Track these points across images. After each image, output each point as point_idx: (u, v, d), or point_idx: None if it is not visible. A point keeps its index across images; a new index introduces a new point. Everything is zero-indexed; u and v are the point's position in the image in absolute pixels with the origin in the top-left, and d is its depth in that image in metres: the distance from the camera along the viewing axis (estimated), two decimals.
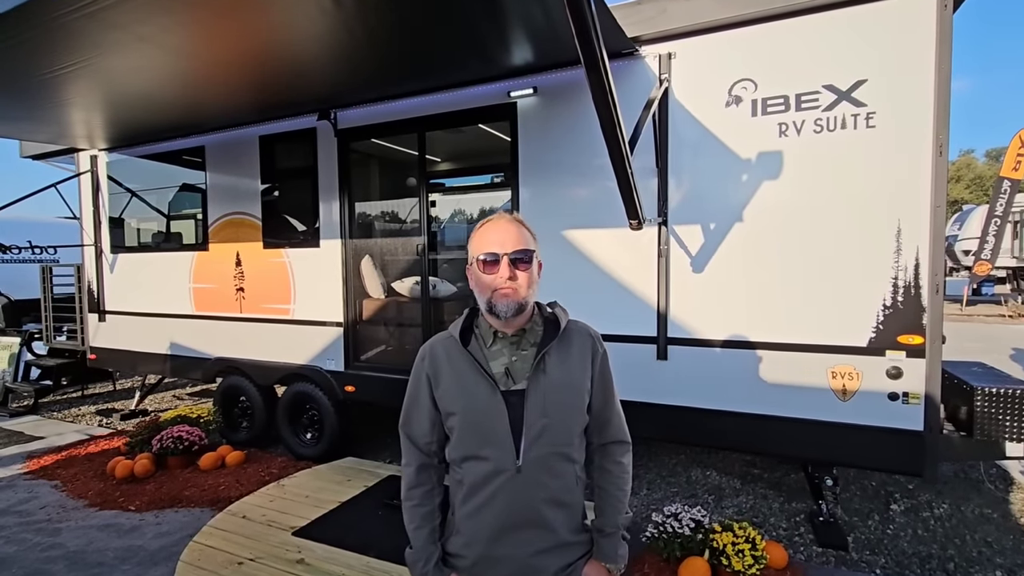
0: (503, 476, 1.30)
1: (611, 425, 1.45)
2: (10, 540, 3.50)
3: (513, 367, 1.35)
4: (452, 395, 1.35)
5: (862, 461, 3.07)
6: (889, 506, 3.70)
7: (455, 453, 1.37)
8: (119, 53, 2.99)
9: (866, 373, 2.90)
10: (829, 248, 2.96)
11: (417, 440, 1.42)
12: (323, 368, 4.53)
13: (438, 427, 1.40)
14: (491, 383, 1.32)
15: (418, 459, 1.43)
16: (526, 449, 1.30)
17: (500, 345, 1.37)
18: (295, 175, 4.71)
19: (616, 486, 1.44)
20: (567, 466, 1.35)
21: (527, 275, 1.33)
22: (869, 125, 2.85)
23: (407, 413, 1.45)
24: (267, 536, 3.20)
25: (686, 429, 3.34)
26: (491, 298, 1.32)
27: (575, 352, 1.39)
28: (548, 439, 1.31)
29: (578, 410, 1.37)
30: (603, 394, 1.43)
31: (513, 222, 1.36)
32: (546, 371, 1.34)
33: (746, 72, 3.08)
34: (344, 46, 3.15)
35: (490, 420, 1.31)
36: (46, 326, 6.65)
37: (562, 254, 3.58)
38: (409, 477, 1.43)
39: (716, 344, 3.22)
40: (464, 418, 1.34)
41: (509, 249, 1.31)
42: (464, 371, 1.35)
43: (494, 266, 1.31)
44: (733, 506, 3.79)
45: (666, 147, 3.26)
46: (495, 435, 1.31)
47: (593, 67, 1.92)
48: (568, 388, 1.35)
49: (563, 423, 1.34)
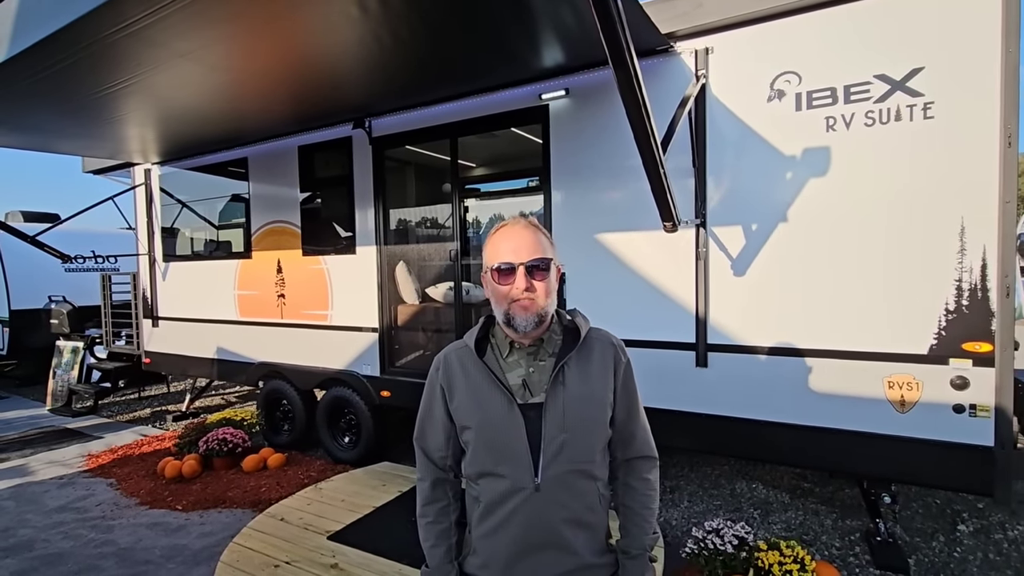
0: (521, 495, 1.23)
1: (636, 439, 1.36)
2: (67, 536, 3.68)
3: (531, 379, 1.29)
4: (467, 408, 1.30)
5: (923, 478, 2.84)
6: (956, 527, 3.42)
7: (470, 469, 1.31)
8: (162, 70, 3.11)
9: (927, 383, 2.68)
10: (883, 249, 2.76)
11: (432, 454, 1.38)
12: (359, 373, 4.58)
13: (453, 440, 1.35)
14: (508, 396, 1.26)
15: (433, 474, 1.38)
16: (545, 466, 1.23)
17: (517, 356, 1.31)
18: (332, 183, 4.80)
19: (642, 504, 1.36)
20: (589, 484, 1.27)
21: (545, 284, 1.26)
22: (927, 116, 2.64)
23: (421, 425, 1.40)
24: (303, 540, 3.24)
25: (728, 440, 3.18)
26: (508, 310, 1.26)
27: (596, 362, 1.31)
28: (568, 455, 1.24)
29: (600, 424, 1.30)
30: (627, 406, 1.34)
31: (529, 227, 1.29)
32: (565, 383, 1.27)
33: (789, 64, 2.92)
34: (376, 56, 3.19)
35: (506, 435, 1.25)
36: (105, 331, 7.03)
37: (596, 258, 3.49)
38: (424, 493, 1.38)
39: (760, 351, 3.06)
40: (479, 433, 1.28)
41: (525, 258, 1.24)
42: (479, 383, 1.29)
43: (509, 276, 1.24)
44: (781, 522, 3.59)
45: (704, 145, 3.12)
46: (512, 451, 1.24)
47: (620, 64, 1.84)
48: (589, 401, 1.28)
49: (584, 438, 1.27)
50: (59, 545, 3.56)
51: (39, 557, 3.41)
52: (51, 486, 4.60)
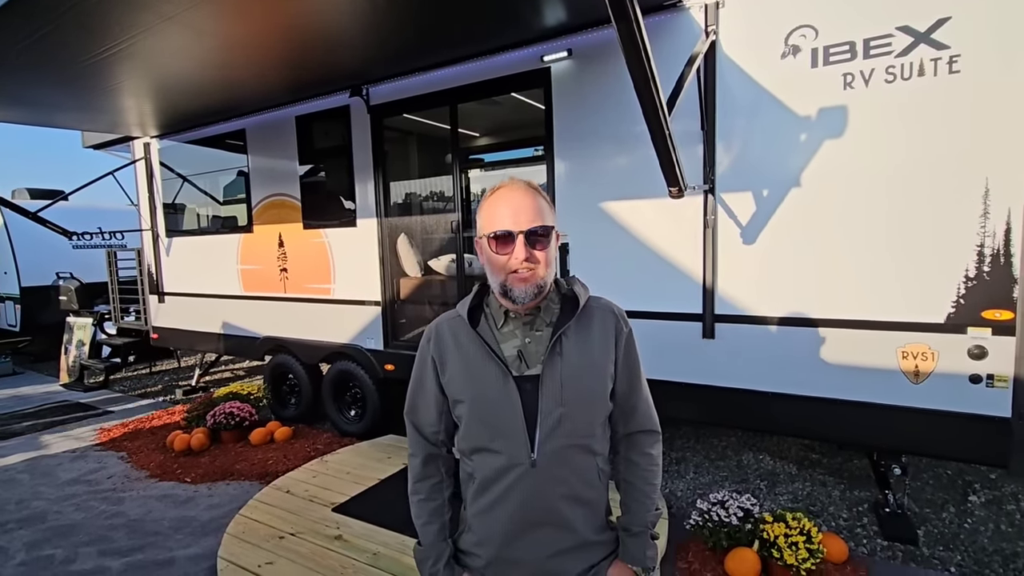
0: (517, 471, 1.18)
1: (638, 412, 1.30)
2: (79, 507, 3.74)
3: (527, 350, 1.21)
4: (460, 381, 1.24)
5: (936, 449, 2.77)
6: (967, 497, 3.37)
7: (464, 444, 1.26)
8: (150, 35, 2.99)
9: (943, 353, 2.59)
10: (901, 213, 2.63)
11: (423, 429, 1.32)
12: (363, 347, 4.56)
13: (446, 415, 1.30)
14: (502, 368, 1.19)
15: (425, 449, 1.33)
16: (542, 441, 1.17)
17: (512, 326, 1.24)
18: (331, 154, 4.70)
19: (644, 480, 1.30)
20: (588, 459, 1.22)
21: (546, 254, 1.17)
22: (952, 71, 2.48)
23: (412, 399, 1.34)
24: (308, 511, 3.26)
25: (736, 412, 3.12)
26: (505, 281, 1.18)
27: (596, 332, 1.24)
28: (566, 429, 1.18)
29: (600, 397, 1.23)
30: (628, 378, 1.27)
31: (528, 191, 1.19)
32: (563, 354, 1.19)
33: (805, 18, 2.74)
34: (369, 17, 3.05)
35: (501, 409, 1.19)
36: (113, 307, 7.06)
37: (600, 227, 3.38)
38: (415, 469, 1.33)
39: (769, 321, 2.97)
40: (473, 407, 1.22)
41: (525, 225, 1.14)
42: (472, 355, 1.22)
43: (507, 245, 1.15)
44: (788, 493, 3.55)
45: (713, 106, 2.98)
46: (507, 425, 1.18)
47: (622, 16, 1.71)
48: (588, 372, 1.21)
49: (583, 411, 1.20)
50: (71, 517, 3.62)
51: (52, 528, 3.47)
52: (64, 459, 4.67)
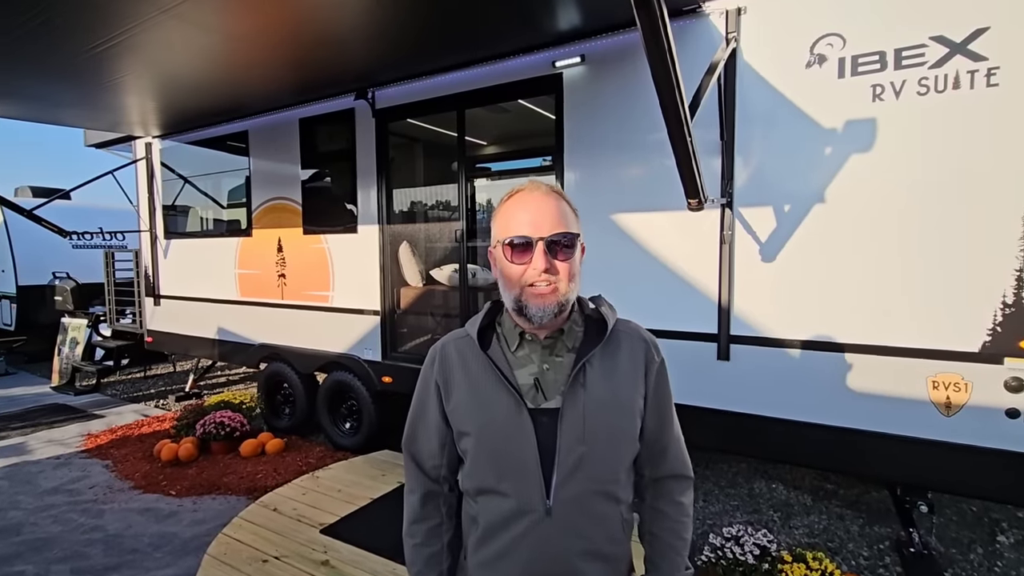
0: (528, 519, 1.01)
1: (668, 455, 1.13)
2: (57, 520, 3.57)
3: (544, 378, 1.05)
4: (466, 410, 1.07)
5: (968, 488, 2.58)
6: (995, 537, 3.16)
7: (468, 483, 1.09)
8: (150, 27, 2.89)
9: (977, 384, 2.41)
10: (932, 233, 2.47)
11: (423, 462, 1.16)
12: (360, 357, 4.40)
13: (449, 447, 1.13)
14: (516, 398, 1.03)
15: (424, 486, 1.16)
16: (559, 485, 1.00)
17: (528, 349, 1.08)
18: (334, 158, 4.58)
19: (674, 533, 1.13)
20: (611, 508, 1.04)
21: (568, 266, 1.02)
22: (990, 84, 2.33)
23: (412, 428, 1.18)
24: (295, 532, 3.08)
25: (751, 440, 2.94)
26: (521, 296, 1.02)
27: (624, 361, 1.08)
28: (588, 473, 1.01)
29: (627, 436, 1.07)
30: (659, 415, 1.11)
31: (550, 194, 1.05)
32: (586, 385, 1.03)
33: (832, 26, 2.61)
34: (377, 17, 2.94)
35: (513, 446, 1.02)
36: (109, 309, 6.93)
37: (610, 240, 3.23)
38: (412, 508, 1.16)
39: (789, 344, 2.80)
40: (480, 441, 1.05)
41: (546, 232, 1.00)
42: (482, 381, 1.06)
43: (525, 254, 1.01)
44: (803, 527, 3.36)
45: (732, 116, 2.84)
46: (519, 465, 1.02)
47: (644, 5, 1.57)
48: (615, 407, 1.05)
49: (607, 452, 1.04)
50: (47, 529, 3.44)
51: (25, 542, 3.30)
52: (47, 466, 4.50)
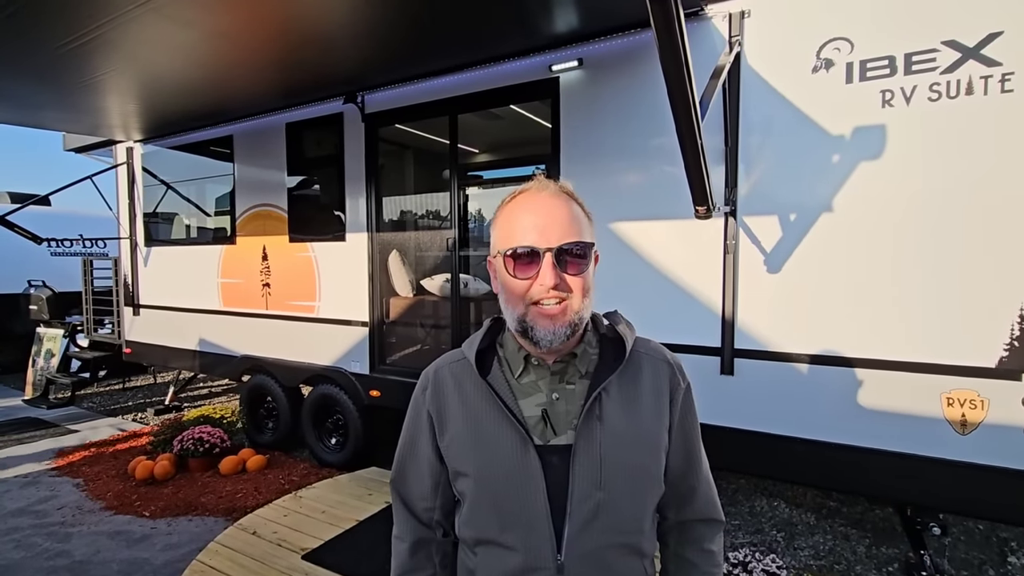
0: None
1: (697, 496, 0.99)
2: (20, 544, 3.34)
3: (554, 410, 0.90)
4: (463, 447, 0.92)
5: (984, 510, 2.47)
6: (1006, 558, 3.06)
7: (466, 532, 0.93)
8: (126, 22, 2.73)
9: (994, 401, 2.31)
10: (946, 243, 2.38)
11: (414, 504, 1.01)
12: (347, 370, 4.22)
13: (443, 488, 0.98)
14: (521, 433, 0.88)
15: (414, 532, 1.01)
16: (572, 537, 0.85)
17: (535, 375, 0.92)
18: (321, 164, 4.43)
19: None
20: (634, 563, 0.90)
21: (581, 280, 0.87)
22: (1005, 89, 2.25)
23: (400, 465, 1.03)
24: (275, 558, 2.89)
25: (755, 458, 2.82)
26: (526, 316, 0.87)
27: (646, 388, 0.93)
28: (606, 523, 0.86)
29: (651, 477, 0.92)
30: (686, 451, 0.97)
31: (560, 195, 0.91)
32: (603, 417, 0.88)
33: (839, 30, 2.53)
34: (367, 17, 2.82)
35: (518, 490, 0.87)
36: (86, 319, 6.68)
37: (608, 248, 3.10)
38: (401, 557, 1.01)
39: (795, 358, 2.69)
40: (480, 484, 0.90)
41: (555, 241, 0.86)
42: (481, 412, 0.91)
43: (530, 266, 0.86)
44: (808, 547, 3.23)
45: (736, 122, 2.74)
46: (525, 513, 0.86)
47: (660, 1, 1.46)
48: (637, 444, 0.90)
49: (629, 498, 0.89)
50: (9, 555, 3.22)
51: None
52: (13, 485, 4.26)
